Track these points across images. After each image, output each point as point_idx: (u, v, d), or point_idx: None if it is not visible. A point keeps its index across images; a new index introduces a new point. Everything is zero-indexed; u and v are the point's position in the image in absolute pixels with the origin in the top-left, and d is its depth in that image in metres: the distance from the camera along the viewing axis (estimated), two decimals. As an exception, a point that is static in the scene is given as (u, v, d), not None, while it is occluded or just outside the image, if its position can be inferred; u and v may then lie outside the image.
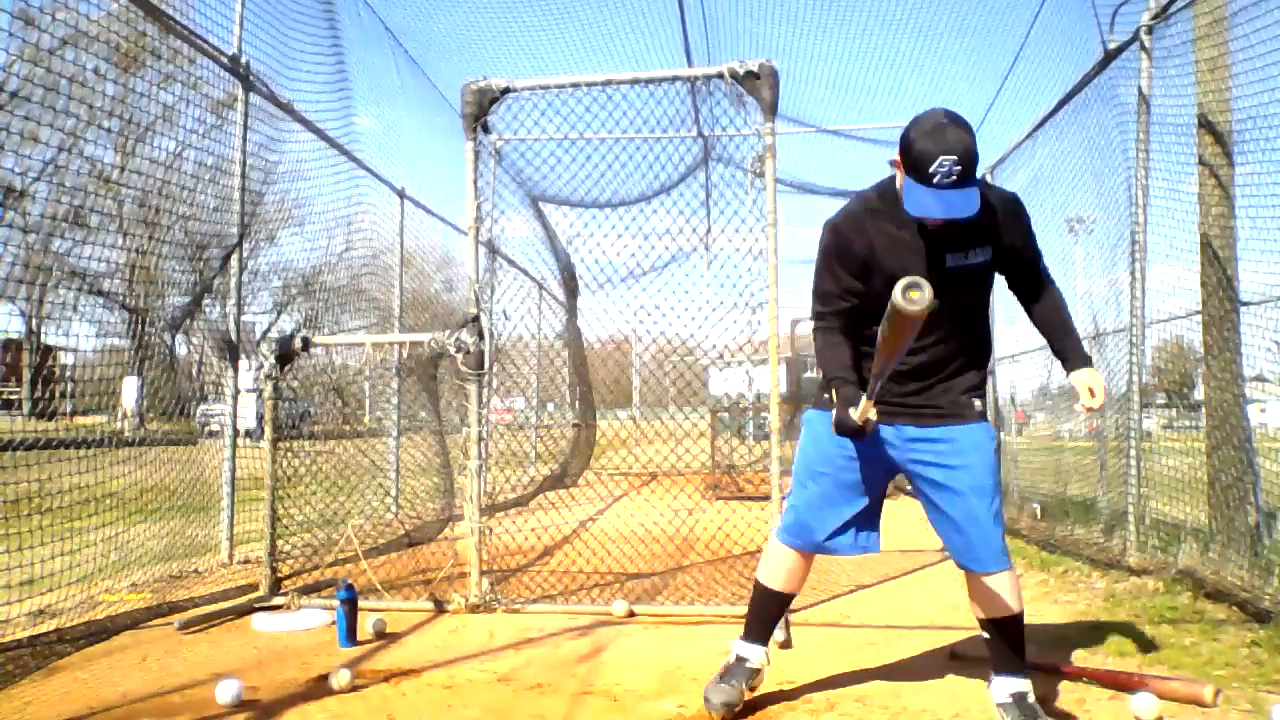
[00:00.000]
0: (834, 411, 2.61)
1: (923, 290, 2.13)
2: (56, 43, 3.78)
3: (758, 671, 2.90)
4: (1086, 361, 2.79)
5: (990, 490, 2.65)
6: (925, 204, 2.42)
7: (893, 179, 2.62)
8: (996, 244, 2.65)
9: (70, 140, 4.09)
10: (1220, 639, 3.53)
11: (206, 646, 3.71)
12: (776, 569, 2.89)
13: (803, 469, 2.85)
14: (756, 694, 2.95)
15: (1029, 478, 7.92)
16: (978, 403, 2.73)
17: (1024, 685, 2.67)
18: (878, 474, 2.77)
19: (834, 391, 2.65)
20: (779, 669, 3.21)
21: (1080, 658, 3.38)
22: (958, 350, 2.69)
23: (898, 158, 2.51)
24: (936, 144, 2.37)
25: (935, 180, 2.37)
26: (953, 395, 2.70)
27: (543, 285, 10.34)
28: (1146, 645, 3.49)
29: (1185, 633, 3.64)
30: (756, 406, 10.11)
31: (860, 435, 2.57)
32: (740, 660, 2.89)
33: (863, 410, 2.52)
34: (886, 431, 2.67)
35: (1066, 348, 2.82)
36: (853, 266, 2.65)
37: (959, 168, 2.36)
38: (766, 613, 2.94)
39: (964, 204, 2.40)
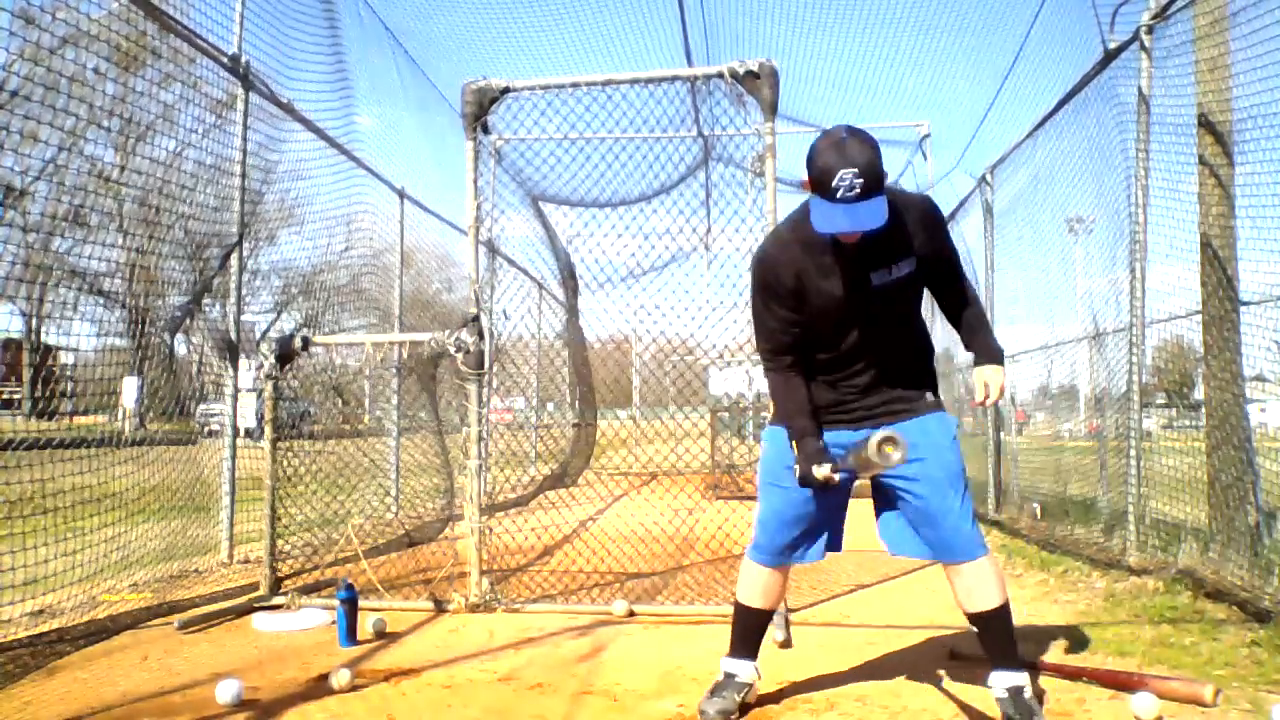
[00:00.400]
0: (796, 467, 2.65)
1: (899, 448, 2.28)
2: (57, 42, 3.78)
3: (749, 685, 2.91)
4: (993, 358, 2.81)
5: (953, 478, 2.67)
6: (832, 219, 2.45)
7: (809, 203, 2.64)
8: (917, 253, 2.68)
9: (70, 139, 4.09)
10: (1220, 639, 3.53)
11: (206, 646, 3.72)
12: (753, 587, 2.91)
13: (766, 479, 2.88)
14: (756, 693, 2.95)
15: (1029, 477, 7.90)
16: (929, 395, 2.78)
17: (1020, 679, 2.66)
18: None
19: (795, 444, 2.69)
20: (779, 669, 3.22)
21: (1080, 658, 3.37)
22: (898, 359, 2.75)
23: (806, 179, 2.53)
24: (838, 158, 2.41)
25: (839, 195, 2.40)
26: (898, 393, 2.75)
27: (543, 285, 10.34)
28: (1146, 645, 3.48)
29: (1185, 633, 3.64)
30: (756, 406, 10.09)
31: (824, 489, 2.63)
32: (730, 676, 2.90)
33: (826, 473, 2.56)
34: (840, 437, 2.71)
35: (975, 343, 2.87)
36: (785, 298, 2.68)
37: (861, 180, 2.39)
38: (750, 630, 2.95)
39: (870, 216, 2.42)
